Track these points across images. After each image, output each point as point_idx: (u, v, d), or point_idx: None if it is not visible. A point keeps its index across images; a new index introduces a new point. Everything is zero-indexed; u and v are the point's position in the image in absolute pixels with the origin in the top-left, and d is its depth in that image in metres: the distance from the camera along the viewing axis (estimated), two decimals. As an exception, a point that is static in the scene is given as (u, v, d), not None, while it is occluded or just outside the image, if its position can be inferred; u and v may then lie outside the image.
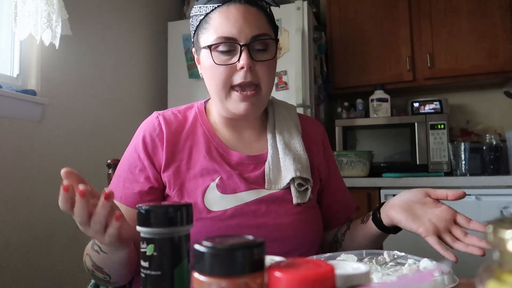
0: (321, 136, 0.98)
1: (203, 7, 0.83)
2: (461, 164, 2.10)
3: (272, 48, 0.83)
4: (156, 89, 2.45)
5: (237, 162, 0.86)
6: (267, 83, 0.83)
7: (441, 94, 2.52)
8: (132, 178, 0.83)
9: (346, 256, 0.58)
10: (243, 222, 0.79)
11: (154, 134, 0.85)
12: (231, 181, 0.82)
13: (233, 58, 0.80)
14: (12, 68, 1.62)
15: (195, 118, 0.90)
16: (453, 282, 0.48)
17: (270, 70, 0.83)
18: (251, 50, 0.79)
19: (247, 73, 0.79)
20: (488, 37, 2.24)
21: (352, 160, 2.18)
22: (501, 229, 0.28)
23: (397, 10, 2.40)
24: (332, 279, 0.35)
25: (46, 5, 1.54)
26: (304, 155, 0.88)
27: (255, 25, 0.80)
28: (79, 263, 1.74)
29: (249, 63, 0.78)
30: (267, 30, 0.82)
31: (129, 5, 2.25)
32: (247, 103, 0.81)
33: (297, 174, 0.83)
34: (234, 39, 0.79)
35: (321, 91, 2.40)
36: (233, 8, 0.80)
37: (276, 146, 0.88)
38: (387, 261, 0.58)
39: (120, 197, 0.81)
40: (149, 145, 0.84)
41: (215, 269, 0.35)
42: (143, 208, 0.43)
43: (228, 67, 0.80)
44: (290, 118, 0.94)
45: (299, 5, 2.15)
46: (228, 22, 0.79)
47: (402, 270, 0.52)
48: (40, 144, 1.63)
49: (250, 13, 0.80)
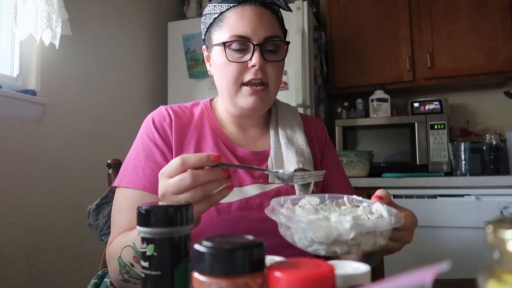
0: (322, 133, 1.01)
1: (218, 6, 0.86)
2: (461, 164, 2.10)
3: (282, 50, 0.86)
4: (156, 89, 2.45)
5: (242, 157, 0.88)
6: (275, 83, 0.86)
7: (441, 94, 2.52)
8: (152, 165, 0.82)
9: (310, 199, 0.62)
10: (248, 215, 0.81)
11: (164, 123, 0.87)
12: (237, 175, 0.85)
13: (246, 56, 0.82)
14: (12, 68, 1.62)
15: (202, 114, 0.92)
16: (399, 222, 0.55)
17: (279, 71, 0.86)
18: (263, 50, 0.82)
19: (258, 71, 0.82)
20: (488, 37, 2.24)
21: (352, 160, 2.18)
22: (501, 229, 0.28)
23: (397, 10, 2.40)
24: (332, 279, 0.35)
25: (46, 5, 1.54)
26: (306, 149, 0.90)
27: (268, 27, 0.83)
28: (79, 263, 1.75)
29: (261, 62, 0.81)
30: (278, 32, 0.86)
31: (129, 5, 2.25)
32: (256, 97, 0.83)
33: (299, 166, 0.85)
34: (248, 38, 0.82)
35: (321, 91, 2.40)
36: (248, 9, 0.83)
37: (279, 141, 0.91)
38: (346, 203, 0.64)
39: (144, 186, 0.80)
40: (160, 130, 0.86)
41: (215, 269, 0.35)
42: (143, 208, 0.43)
43: (240, 64, 0.82)
44: (293, 116, 0.97)
45: (299, 5, 2.15)
46: (243, 21, 0.82)
47: (357, 211, 0.58)
48: (40, 144, 1.63)
49: (264, 15, 0.84)
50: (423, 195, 1.92)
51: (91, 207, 0.97)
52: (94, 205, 0.97)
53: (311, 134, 0.98)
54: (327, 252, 0.54)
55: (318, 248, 0.53)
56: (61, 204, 1.70)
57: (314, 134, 0.99)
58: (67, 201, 1.73)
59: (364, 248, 0.54)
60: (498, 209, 1.79)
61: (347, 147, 2.38)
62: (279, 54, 0.85)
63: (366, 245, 0.54)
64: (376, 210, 0.58)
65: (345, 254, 0.54)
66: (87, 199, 1.65)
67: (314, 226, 0.52)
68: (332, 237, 0.52)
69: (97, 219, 0.96)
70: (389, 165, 2.28)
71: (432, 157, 2.19)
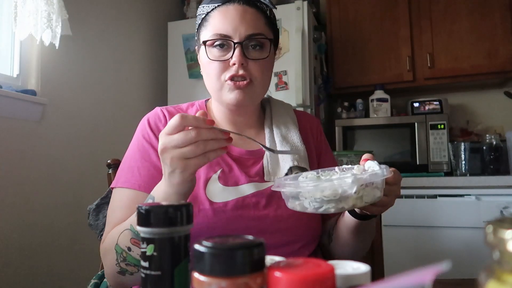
0: (316, 129, 1.01)
1: (205, 6, 0.87)
2: (461, 164, 2.10)
3: (267, 47, 0.85)
4: (156, 89, 2.45)
5: (237, 156, 0.88)
6: (260, 80, 0.84)
7: (441, 94, 2.52)
8: (147, 166, 0.83)
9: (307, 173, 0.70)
10: (244, 214, 0.81)
11: (160, 123, 0.87)
12: (233, 174, 0.85)
13: (228, 54, 0.82)
14: (12, 68, 1.62)
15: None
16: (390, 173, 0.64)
17: (264, 68, 0.85)
18: (244, 48, 0.82)
19: (238, 68, 0.81)
20: (488, 37, 2.24)
21: (352, 160, 2.18)
22: (501, 229, 0.28)
23: (397, 10, 2.40)
24: (332, 279, 0.35)
25: (46, 5, 1.54)
26: (301, 146, 0.90)
27: (251, 25, 0.82)
28: (79, 263, 1.75)
29: (241, 60, 0.80)
30: (263, 30, 0.85)
31: (129, 5, 2.25)
32: (239, 92, 0.82)
33: (294, 163, 0.85)
34: (228, 36, 0.82)
35: (321, 91, 2.40)
36: (231, 8, 0.83)
37: (274, 139, 0.91)
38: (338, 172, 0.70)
39: (139, 186, 0.81)
40: (156, 131, 0.86)
41: (215, 269, 0.35)
42: (143, 208, 0.43)
43: (222, 62, 0.82)
44: (287, 114, 0.97)
45: (299, 5, 2.15)
46: (225, 20, 0.82)
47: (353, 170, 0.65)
48: (40, 144, 1.63)
49: (248, 13, 0.83)
50: (423, 195, 1.92)
51: (91, 207, 0.97)
52: (94, 205, 0.97)
53: (306, 131, 0.98)
54: (336, 209, 0.60)
55: (328, 207, 0.61)
56: (61, 204, 1.70)
57: (309, 131, 0.99)
58: (67, 201, 1.73)
59: (366, 200, 0.61)
60: (498, 209, 1.79)
61: (347, 147, 2.38)
62: (263, 52, 0.84)
63: (367, 197, 0.61)
64: (369, 167, 0.65)
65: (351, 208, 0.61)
66: (87, 199, 1.66)
67: (321, 186, 0.59)
68: (338, 194, 0.59)
69: (97, 219, 0.96)
70: (389, 165, 2.25)
71: (432, 157, 2.19)
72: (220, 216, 0.79)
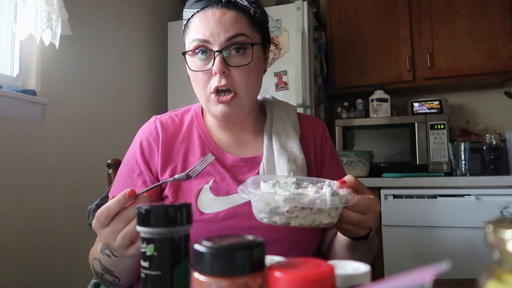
0: (322, 135, 0.96)
1: (186, 11, 0.85)
2: (461, 164, 2.10)
3: (249, 51, 0.80)
4: (156, 89, 2.45)
5: (231, 164, 0.86)
6: (245, 88, 0.81)
7: (441, 94, 2.52)
8: (130, 183, 0.84)
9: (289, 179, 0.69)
10: (236, 224, 0.79)
11: (150, 138, 0.87)
12: (225, 183, 0.83)
13: (209, 63, 0.79)
14: (12, 68, 1.62)
15: (191, 121, 0.91)
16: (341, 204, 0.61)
17: (249, 74, 0.80)
18: (226, 55, 0.78)
19: (221, 78, 0.78)
20: (488, 37, 2.24)
21: (352, 160, 2.18)
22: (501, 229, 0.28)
23: (397, 10, 2.40)
24: (332, 279, 0.35)
25: (46, 5, 1.54)
26: (300, 155, 0.87)
27: (230, 28, 0.78)
28: (79, 263, 1.75)
29: (221, 69, 0.77)
30: (244, 30, 0.80)
31: (129, 5, 2.25)
32: (224, 106, 0.80)
33: (290, 174, 0.82)
34: (207, 41, 0.78)
35: (321, 91, 2.40)
36: (209, 12, 0.80)
37: (272, 147, 0.88)
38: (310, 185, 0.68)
39: None
40: (146, 149, 0.86)
41: (215, 269, 0.35)
42: (143, 208, 0.43)
43: (205, 72, 0.80)
44: (288, 119, 0.93)
45: (299, 5, 2.15)
46: (202, 25, 0.79)
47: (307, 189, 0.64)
48: (40, 144, 1.63)
49: (226, 16, 0.79)
50: (423, 195, 1.92)
51: (91, 207, 0.97)
52: (94, 205, 0.97)
53: (308, 138, 0.93)
54: (269, 221, 0.62)
55: (262, 217, 0.62)
56: (61, 204, 1.70)
57: (312, 139, 0.94)
58: (67, 201, 1.73)
59: (302, 222, 0.60)
60: (498, 209, 1.79)
61: (347, 147, 2.38)
62: (246, 56, 0.80)
63: (304, 220, 0.60)
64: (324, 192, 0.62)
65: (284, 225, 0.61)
66: (87, 199, 1.65)
67: (259, 197, 0.61)
68: (269, 208, 0.60)
69: (97, 219, 0.96)
70: (389, 165, 2.28)
71: (432, 157, 2.19)
72: (211, 227, 0.78)
